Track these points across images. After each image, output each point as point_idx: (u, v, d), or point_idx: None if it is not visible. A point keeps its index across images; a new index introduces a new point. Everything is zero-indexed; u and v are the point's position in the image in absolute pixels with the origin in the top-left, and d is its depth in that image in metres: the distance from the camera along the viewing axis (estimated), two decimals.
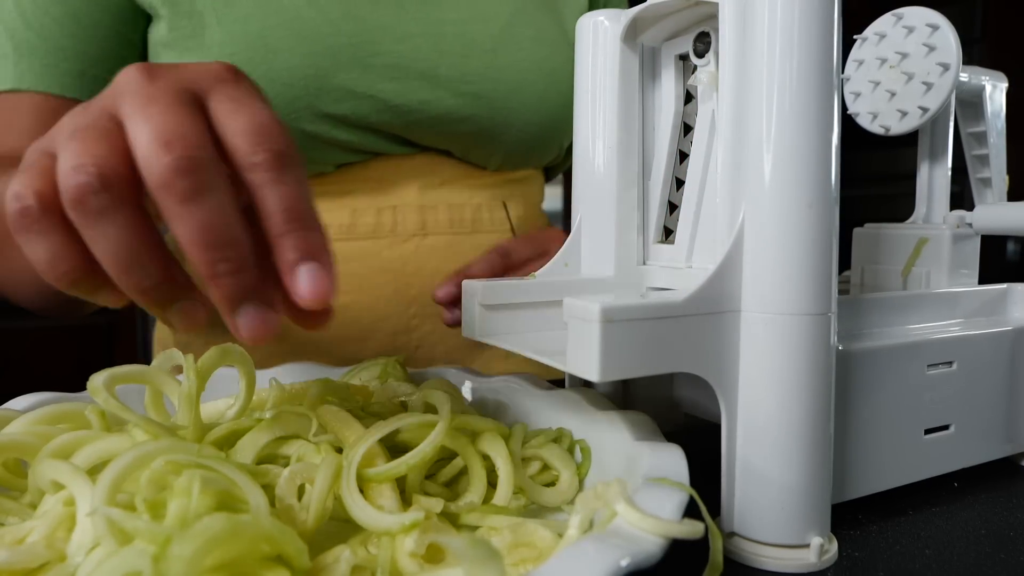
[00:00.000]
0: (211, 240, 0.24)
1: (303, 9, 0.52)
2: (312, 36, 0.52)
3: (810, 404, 0.29)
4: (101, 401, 0.30)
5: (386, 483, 0.29)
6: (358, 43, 0.53)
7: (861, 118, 0.44)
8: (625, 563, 0.21)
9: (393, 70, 0.54)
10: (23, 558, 0.24)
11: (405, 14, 0.56)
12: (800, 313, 0.29)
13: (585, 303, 0.27)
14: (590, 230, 0.40)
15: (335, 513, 0.28)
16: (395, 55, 0.54)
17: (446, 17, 0.57)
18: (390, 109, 0.55)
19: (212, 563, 0.21)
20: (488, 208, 0.61)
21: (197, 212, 0.23)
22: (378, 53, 0.54)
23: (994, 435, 0.39)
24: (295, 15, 0.52)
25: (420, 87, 0.55)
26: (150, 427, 0.29)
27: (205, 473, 0.25)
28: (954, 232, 0.42)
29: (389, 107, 0.55)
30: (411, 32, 0.55)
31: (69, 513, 0.26)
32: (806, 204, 0.28)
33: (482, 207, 0.61)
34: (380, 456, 0.30)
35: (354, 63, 0.53)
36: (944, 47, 0.40)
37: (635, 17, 0.37)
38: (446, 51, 0.56)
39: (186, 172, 0.23)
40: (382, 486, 0.29)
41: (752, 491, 0.30)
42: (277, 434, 0.32)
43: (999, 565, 0.30)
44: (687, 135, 0.38)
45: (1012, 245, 2.00)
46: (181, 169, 0.23)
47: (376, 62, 0.54)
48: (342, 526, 0.28)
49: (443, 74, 0.56)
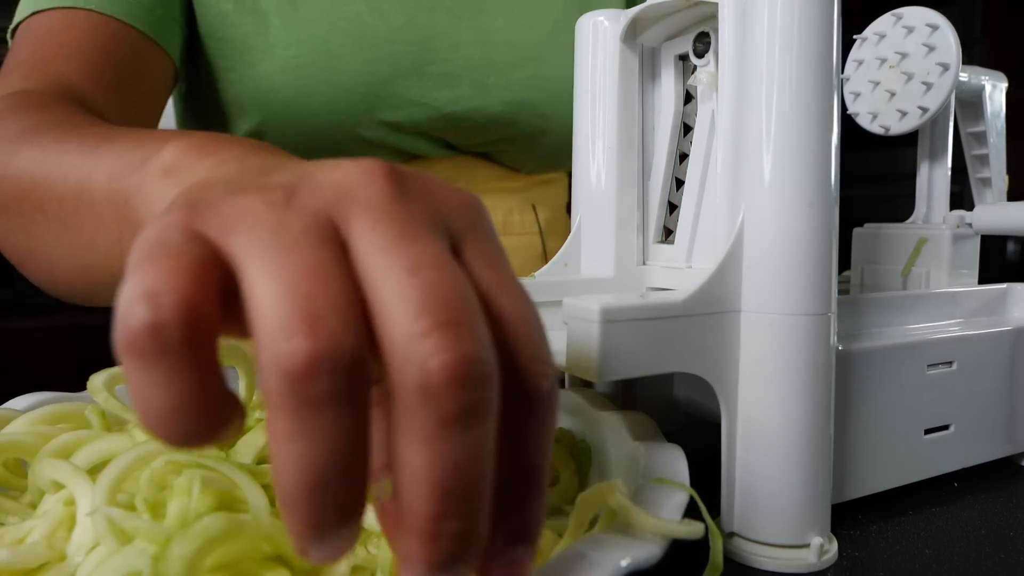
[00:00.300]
0: (456, 487, 0.16)
1: (367, 16, 0.53)
2: (374, 43, 0.53)
3: (810, 404, 0.29)
4: (101, 401, 0.30)
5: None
6: (417, 51, 0.54)
7: (861, 118, 0.44)
8: (625, 563, 0.21)
9: (447, 78, 0.56)
10: (23, 558, 0.24)
11: (459, 23, 0.57)
12: (800, 313, 0.29)
13: (585, 303, 0.27)
14: (590, 230, 0.40)
15: None
16: (449, 64, 0.56)
17: (495, 25, 0.58)
18: (442, 117, 0.56)
19: (212, 563, 0.21)
20: (519, 211, 0.62)
21: (459, 443, 0.15)
22: (434, 61, 0.55)
23: (994, 435, 0.39)
24: (359, 21, 0.53)
25: (471, 95, 0.57)
26: None
27: (205, 473, 0.25)
28: (954, 232, 0.42)
29: (441, 115, 0.56)
30: (464, 41, 0.56)
31: (69, 513, 0.26)
32: (806, 204, 0.28)
33: (513, 210, 0.62)
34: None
35: (412, 71, 0.54)
36: (944, 47, 0.40)
37: (635, 17, 0.37)
38: (495, 60, 0.57)
39: (468, 382, 0.15)
40: None
41: (752, 491, 0.30)
42: None
43: (999, 565, 0.30)
44: (687, 135, 0.38)
45: (1012, 245, 2.00)
46: (464, 376, 0.15)
47: (432, 70, 0.55)
48: None
49: (492, 82, 0.57)
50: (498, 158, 0.62)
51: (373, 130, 0.54)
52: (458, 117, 0.56)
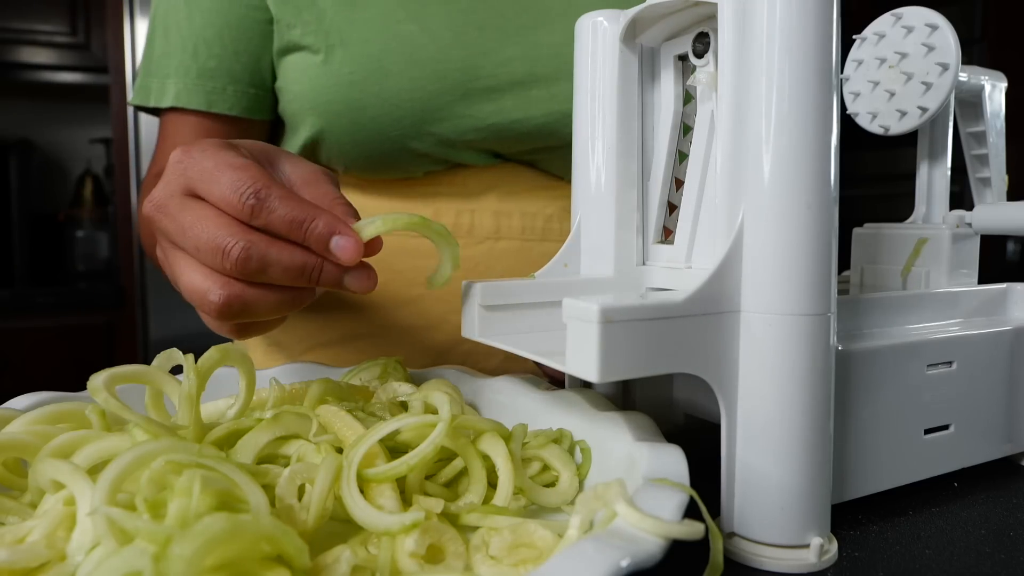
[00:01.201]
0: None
1: (418, 36, 0.57)
2: (423, 61, 0.57)
3: (810, 404, 0.29)
4: (101, 401, 0.30)
5: (386, 483, 0.29)
6: (464, 68, 0.58)
7: (860, 118, 0.44)
8: (625, 563, 0.21)
9: (491, 92, 0.58)
10: (24, 557, 0.24)
11: (507, 39, 0.59)
12: (800, 313, 0.29)
13: (584, 303, 0.27)
14: (590, 230, 0.40)
15: (335, 513, 0.28)
16: (494, 78, 0.58)
17: (541, 40, 0.60)
18: (487, 128, 0.59)
19: (212, 563, 0.21)
20: (558, 219, 0.64)
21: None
22: (480, 77, 0.58)
23: (994, 435, 0.39)
24: (410, 41, 0.57)
25: (514, 107, 0.59)
26: (150, 427, 0.29)
27: (206, 473, 0.25)
28: (954, 232, 0.42)
29: (486, 125, 0.59)
30: (511, 56, 0.59)
31: (69, 512, 0.26)
32: (805, 204, 0.28)
33: (552, 217, 0.64)
34: (380, 456, 0.30)
35: (458, 87, 0.57)
36: (943, 47, 0.40)
37: (634, 18, 0.37)
38: (539, 74, 0.60)
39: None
40: (382, 486, 0.29)
41: (752, 491, 0.30)
42: (277, 434, 0.32)
43: (999, 565, 0.30)
44: (686, 135, 0.38)
45: (1012, 245, 2.00)
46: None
47: (478, 85, 0.58)
48: (342, 526, 0.28)
49: (534, 95, 0.60)
50: (541, 166, 0.64)
51: (420, 141, 0.58)
52: (501, 128, 0.59)
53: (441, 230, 0.36)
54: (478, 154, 0.61)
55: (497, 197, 0.63)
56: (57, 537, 0.25)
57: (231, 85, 0.59)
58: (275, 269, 0.32)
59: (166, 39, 0.59)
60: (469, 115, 0.58)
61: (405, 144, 0.58)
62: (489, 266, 0.63)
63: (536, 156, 0.63)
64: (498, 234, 0.62)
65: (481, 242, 0.62)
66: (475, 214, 0.62)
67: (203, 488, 0.24)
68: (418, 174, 0.61)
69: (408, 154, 0.59)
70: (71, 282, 2.15)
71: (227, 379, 0.40)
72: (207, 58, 0.58)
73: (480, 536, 0.28)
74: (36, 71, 2.02)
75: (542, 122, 0.60)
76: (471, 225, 0.62)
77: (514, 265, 0.63)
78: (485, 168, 0.62)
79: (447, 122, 0.58)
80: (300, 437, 0.32)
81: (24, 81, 2.02)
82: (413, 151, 0.58)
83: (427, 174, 0.61)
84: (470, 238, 0.62)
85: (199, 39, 0.58)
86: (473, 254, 0.62)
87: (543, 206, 0.64)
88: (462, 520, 0.30)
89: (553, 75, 0.60)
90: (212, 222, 0.32)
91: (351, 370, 0.44)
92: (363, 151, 0.58)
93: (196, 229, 0.32)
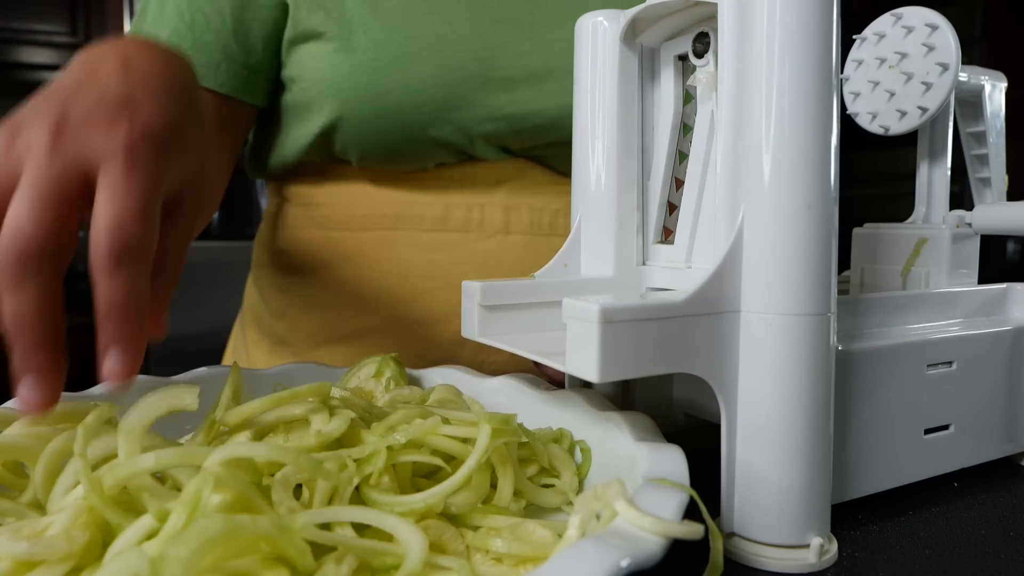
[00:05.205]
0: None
1: (439, 27, 0.59)
2: (444, 50, 0.58)
3: (810, 404, 0.29)
4: None
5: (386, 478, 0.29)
6: (481, 59, 0.59)
7: (860, 118, 0.44)
8: (625, 563, 0.21)
9: (507, 83, 0.60)
10: (43, 550, 0.24)
11: (521, 33, 0.62)
12: (799, 313, 0.29)
13: (584, 303, 0.27)
14: (590, 230, 0.40)
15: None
16: (511, 69, 0.60)
17: (554, 37, 0.62)
18: (503, 118, 0.60)
19: (211, 563, 0.21)
20: (564, 214, 0.66)
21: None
22: (497, 68, 0.60)
23: (994, 435, 0.39)
24: (432, 31, 0.59)
25: (528, 98, 0.61)
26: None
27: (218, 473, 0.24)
28: (953, 232, 0.42)
29: (502, 116, 0.60)
30: (525, 50, 0.61)
31: (88, 507, 0.26)
32: (805, 204, 0.28)
33: (559, 212, 0.65)
34: (387, 473, 0.30)
35: (476, 76, 0.59)
36: (943, 47, 0.40)
37: (634, 17, 0.37)
38: (553, 68, 0.62)
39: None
40: (382, 486, 0.29)
41: (752, 491, 0.30)
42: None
43: (999, 565, 0.30)
44: (686, 135, 0.38)
45: (1012, 245, 2.00)
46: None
47: (496, 75, 0.60)
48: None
49: (548, 88, 0.61)
50: (548, 163, 0.65)
51: (439, 129, 0.59)
52: (517, 119, 0.61)
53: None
54: (490, 148, 0.62)
55: (507, 192, 0.64)
56: (74, 533, 0.25)
57: (225, 63, 0.58)
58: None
59: (161, 8, 0.58)
60: (487, 104, 0.60)
61: (425, 131, 0.59)
62: (499, 260, 0.64)
63: (544, 152, 0.64)
64: (508, 228, 0.64)
65: (492, 236, 0.64)
66: (485, 208, 0.63)
67: (216, 488, 0.24)
68: (430, 166, 0.62)
69: (426, 142, 0.60)
70: (71, 282, 2.14)
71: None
72: (204, 31, 0.57)
73: (480, 536, 0.28)
74: (36, 71, 2.02)
75: (555, 115, 0.61)
76: (482, 219, 0.63)
77: (522, 259, 0.64)
78: (495, 163, 0.63)
79: (466, 110, 0.59)
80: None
81: (24, 81, 2.02)
82: (431, 139, 0.59)
83: (439, 167, 0.62)
84: (480, 232, 0.63)
85: (197, 11, 0.57)
86: (484, 248, 0.64)
87: (550, 201, 0.65)
88: (462, 520, 0.30)
89: (565, 70, 0.61)
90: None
91: (351, 370, 0.44)
92: (382, 138, 0.59)
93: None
